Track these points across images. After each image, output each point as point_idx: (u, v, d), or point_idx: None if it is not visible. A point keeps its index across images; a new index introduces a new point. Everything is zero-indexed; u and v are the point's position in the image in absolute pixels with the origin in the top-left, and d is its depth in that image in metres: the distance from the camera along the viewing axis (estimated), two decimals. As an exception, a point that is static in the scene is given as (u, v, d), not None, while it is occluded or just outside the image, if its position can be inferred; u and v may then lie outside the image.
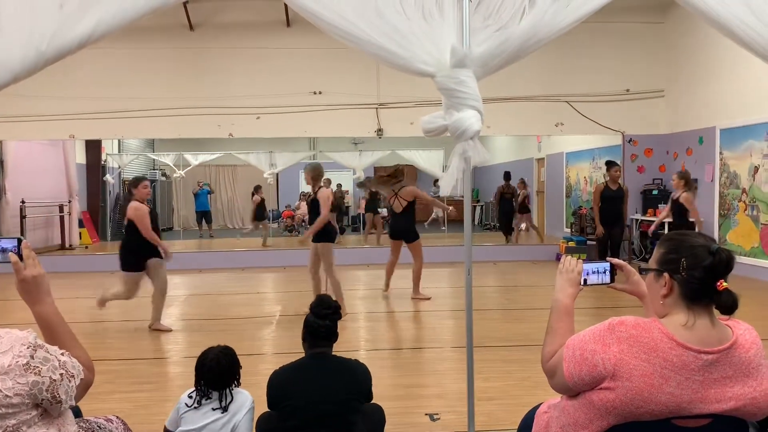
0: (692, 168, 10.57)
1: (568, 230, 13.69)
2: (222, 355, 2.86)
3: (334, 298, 3.08)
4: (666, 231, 8.88)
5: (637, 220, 11.42)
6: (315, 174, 6.84)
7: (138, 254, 6.18)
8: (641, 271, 1.93)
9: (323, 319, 2.92)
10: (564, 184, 14.67)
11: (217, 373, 2.80)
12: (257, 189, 14.63)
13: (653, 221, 10.76)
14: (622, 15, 10.95)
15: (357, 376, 2.91)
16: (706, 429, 1.70)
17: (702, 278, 1.71)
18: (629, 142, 11.61)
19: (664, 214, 8.71)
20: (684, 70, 10.82)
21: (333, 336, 2.98)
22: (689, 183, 8.11)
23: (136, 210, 6.08)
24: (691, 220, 8.04)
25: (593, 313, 6.60)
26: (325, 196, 6.76)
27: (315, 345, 2.93)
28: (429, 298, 7.79)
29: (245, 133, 11.40)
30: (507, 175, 14.32)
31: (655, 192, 11.24)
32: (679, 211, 8.08)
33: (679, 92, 11.01)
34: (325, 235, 6.84)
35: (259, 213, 14.58)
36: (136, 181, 6.37)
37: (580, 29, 3.36)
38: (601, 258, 7.40)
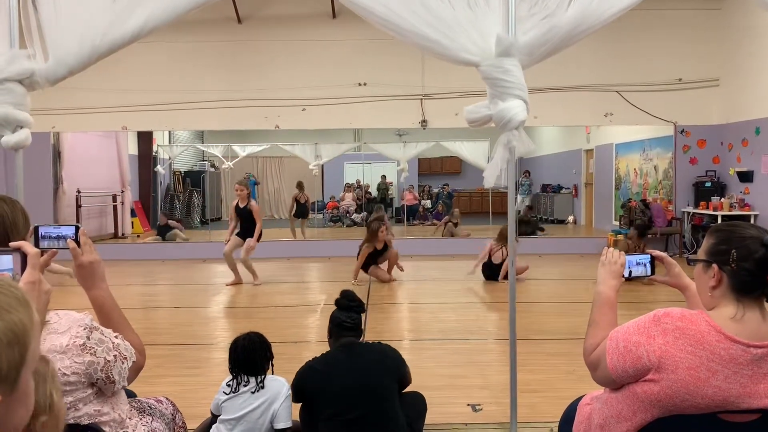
0: (748, 159, 10.22)
1: (617, 223, 13.41)
2: (254, 335, 2.98)
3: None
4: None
5: (688, 213, 11.10)
6: None
7: None
8: (689, 261, 1.88)
9: (348, 311, 2.99)
10: (613, 176, 14.37)
11: (249, 355, 2.89)
12: (299, 185, 14.30)
13: (705, 214, 10.49)
14: (675, 1, 10.63)
15: (386, 356, 2.96)
16: (754, 424, 1.66)
17: (753, 270, 1.67)
18: (681, 132, 11.28)
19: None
20: (740, 58, 10.43)
21: (358, 329, 3.03)
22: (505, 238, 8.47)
23: None
24: None
25: (634, 307, 6.47)
26: None
27: (341, 336, 2.98)
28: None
29: (291, 125, 11.52)
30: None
31: (708, 184, 10.89)
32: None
33: (735, 81, 10.63)
34: None
35: (298, 210, 14.06)
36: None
37: (630, 16, 3.29)
38: None
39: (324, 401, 2.79)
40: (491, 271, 8.43)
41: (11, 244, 1.40)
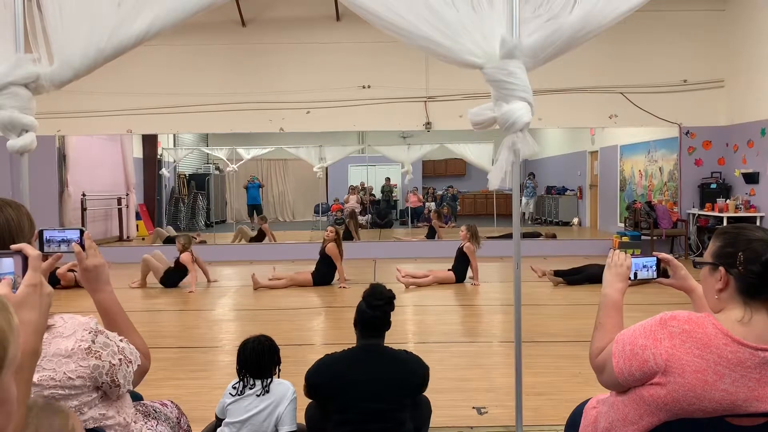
0: (754, 161, 10.19)
1: (622, 225, 13.37)
2: (264, 338, 2.96)
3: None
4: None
5: (693, 214, 11.06)
6: None
7: None
8: (695, 264, 1.87)
9: (374, 309, 2.85)
10: (618, 177, 14.33)
11: (258, 358, 2.87)
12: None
13: (711, 216, 10.45)
14: (679, 3, 10.61)
15: (409, 370, 2.83)
16: (762, 428, 1.65)
17: (760, 273, 1.65)
18: (686, 134, 11.24)
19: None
20: (746, 59, 10.40)
21: (385, 326, 2.91)
22: (475, 236, 8.59)
23: None
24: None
25: (641, 309, 6.44)
26: None
27: (365, 335, 2.87)
28: None
29: (295, 128, 11.52)
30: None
31: (713, 186, 10.85)
32: (462, 260, 8.61)
33: (741, 82, 10.60)
34: None
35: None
36: None
37: (634, 17, 3.28)
38: None
39: (334, 402, 2.74)
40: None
41: (12, 246, 1.39)
